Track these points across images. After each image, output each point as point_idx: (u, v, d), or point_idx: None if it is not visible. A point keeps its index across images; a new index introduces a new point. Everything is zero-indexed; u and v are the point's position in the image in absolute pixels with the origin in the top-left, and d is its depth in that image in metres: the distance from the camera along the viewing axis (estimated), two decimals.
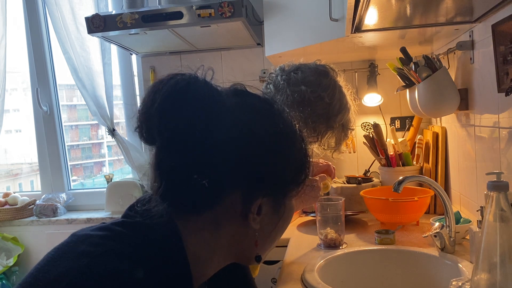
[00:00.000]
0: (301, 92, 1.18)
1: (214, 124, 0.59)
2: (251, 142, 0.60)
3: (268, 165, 0.62)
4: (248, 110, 0.63)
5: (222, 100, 0.61)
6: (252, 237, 0.64)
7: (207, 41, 2.15)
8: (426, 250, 1.24)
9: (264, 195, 0.62)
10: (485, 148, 1.33)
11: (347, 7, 1.14)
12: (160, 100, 0.59)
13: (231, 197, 0.61)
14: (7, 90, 2.56)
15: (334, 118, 1.22)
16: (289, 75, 1.23)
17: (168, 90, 0.59)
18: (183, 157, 0.59)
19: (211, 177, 0.58)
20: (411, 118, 2.06)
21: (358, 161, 2.14)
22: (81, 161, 3.07)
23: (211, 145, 0.58)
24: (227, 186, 0.60)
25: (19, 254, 2.38)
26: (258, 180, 0.61)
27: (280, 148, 0.63)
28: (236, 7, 1.74)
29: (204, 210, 0.61)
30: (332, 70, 1.28)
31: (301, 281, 1.11)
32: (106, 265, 0.52)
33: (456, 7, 1.16)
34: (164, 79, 0.61)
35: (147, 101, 0.61)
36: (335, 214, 1.38)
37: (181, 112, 0.59)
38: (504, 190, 0.73)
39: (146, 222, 0.59)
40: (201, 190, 0.58)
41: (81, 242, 0.56)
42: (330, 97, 1.21)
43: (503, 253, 0.71)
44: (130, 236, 0.58)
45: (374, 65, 2.07)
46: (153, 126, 0.60)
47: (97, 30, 1.86)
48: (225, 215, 0.61)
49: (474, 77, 1.40)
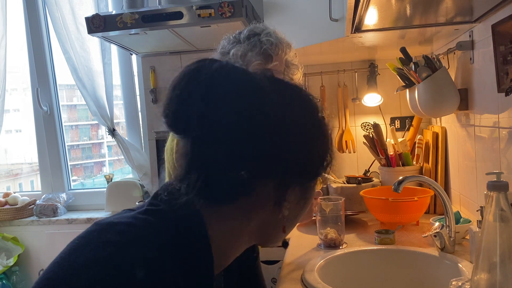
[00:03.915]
0: None
1: (257, 115, 0.57)
2: (291, 132, 0.60)
3: (303, 154, 0.61)
4: (286, 99, 0.62)
5: (264, 90, 0.60)
6: (280, 223, 0.64)
7: (207, 41, 2.15)
8: (426, 250, 1.24)
9: (297, 183, 0.62)
10: (485, 148, 1.33)
11: (347, 7, 1.14)
12: (203, 90, 0.56)
13: (265, 187, 0.60)
14: (7, 90, 2.56)
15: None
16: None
17: (210, 79, 0.57)
18: (225, 149, 0.57)
19: (249, 168, 0.57)
20: (411, 118, 2.06)
21: (358, 161, 2.14)
22: (81, 161, 3.07)
23: (252, 136, 0.57)
24: (264, 176, 0.59)
25: (19, 254, 2.38)
26: (293, 169, 0.61)
27: (314, 136, 0.63)
28: (236, 7, 1.74)
29: (237, 200, 0.60)
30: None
31: (301, 281, 1.11)
32: (133, 254, 0.52)
33: (456, 7, 1.17)
34: (201, 66, 0.59)
35: (184, 89, 0.58)
36: (335, 214, 1.38)
37: (226, 103, 0.57)
38: (504, 190, 0.73)
39: (172, 210, 0.58)
40: (238, 181, 0.57)
41: (106, 230, 0.55)
42: None
43: (503, 253, 0.71)
44: (155, 223, 0.57)
45: (374, 65, 2.07)
46: (193, 117, 0.57)
47: (97, 30, 1.86)
48: (257, 203, 0.61)
49: (474, 77, 1.40)
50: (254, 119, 0.57)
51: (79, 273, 0.50)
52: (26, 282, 2.44)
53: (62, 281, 0.50)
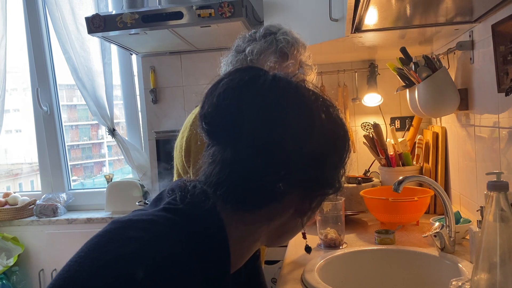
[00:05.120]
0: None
1: (303, 133, 0.59)
2: (330, 152, 0.62)
3: (331, 166, 0.63)
4: (332, 123, 0.63)
5: (305, 102, 0.61)
6: (297, 228, 0.66)
7: (207, 41, 2.15)
8: (426, 250, 1.24)
9: (322, 195, 0.64)
10: (485, 148, 1.33)
11: (347, 7, 1.14)
12: (258, 102, 0.58)
13: (292, 195, 0.61)
14: (7, 90, 2.56)
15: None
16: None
17: (267, 92, 0.58)
18: (268, 163, 0.58)
19: (281, 179, 0.58)
20: (411, 118, 2.06)
21: (358, 161, 2.14)
22: (81, 161, 3.07)
23: (286, 147, 0.58)
24: (292, 186, 0.60)
25: (19, 254, 2.38)
26: (322, 183, 0.62)
27: (344, 156, 0.64)
28: (236, 7, 1.74)
29: (263, 208, 0.60)
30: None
31: (301, 281, 1.11)
32: (157, 249, 0.52)
33: (456, 7, 1.16)
34: (256, 76, 0.60)
35: (222, 96, 0.58)
36: (335, 214, 1.38)
37: (278, 118, 0.58)
38: (504, 190, 0.73)
39: (192, 210, 0.59)
40: (272, 192, 0.58)
41: (127, 227, 0.56)
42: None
43: (503, 253, 0.71)
44: (176, 220, 0.57)
45: (374, 65, 2.07)
46: (241, 127, 0.58)
47: (97, 30, 1.87)
48: (281, 211, 0.62)
49: (474, 77, 1.40)
50: (298, 137, 0.58)
51: (104, 269, 0.50)
52: (26, 282, 2.44)
53: (87, 278, 0.50)
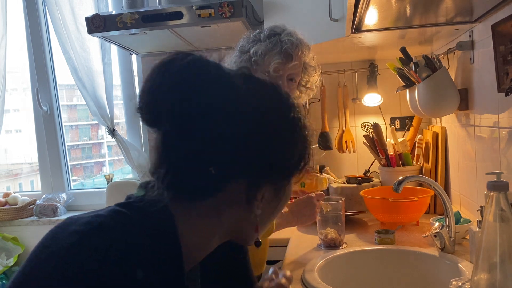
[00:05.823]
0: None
1: (228, 111, 0.57)
2: (263, 130, 0.59)
3: (276, 153, 0.61)
4: (259, 97, 0.61)
5: (236, 86, 0.60)
6: (252, 222, 0.64)
7: (207, 41, 2.15)
8: (426, 250, 1.24)
9: (269, 182, 0.62)
10: (485, 148, 1.33)
11: (347, 7, 1.14)
12: (173, 82, 0.57)
13: (236, 184, 0.60)
14: (7, 90, 2.56)
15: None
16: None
17: (181, 72, 0.57)
18: (194, 144, 0.57)
19: (219, 165, 0.57)
20: (411, 118, 2.06)
21: (358, 161, 2.14)
22: (81, 161, 3.07)
23: (223, 132, 0.57)
24: (234, 173, 0.59)
25: (19, 254, 2.37)
26: (265, 168, 0.60)
27: (288, 136, 0.62)
28: (236, 7, 1.73)
29: (207, 197, 0.60)
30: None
31: (301, 281, 1.11)
32: (96, 239, 0.52)
33: (456, 7, 1.17)
34: (174, 58, 0.59)
35: (156, 81, 0.58)
36: (335, 214, 1.38)
37: (196, 96, 0.56)
38: (504, 190, 0.73)
39: (141, 203, 0.58)
40: (208, 177, 0.57)
41: (73, 223, 0.55)
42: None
43: (503, 253, 0.71)
44: (123, 213, 0.57)
45: (374, 65, 2.07)
46: (162, 109, 0.57)
47: (97, 30, 1.86)
48: (228, 201, 0.61)
49: (474, 77, 1.40)
50: (224, 115, 0.57)
51: (43, 264, 0.51)
52: None
53: (29, 277, 0.52)
